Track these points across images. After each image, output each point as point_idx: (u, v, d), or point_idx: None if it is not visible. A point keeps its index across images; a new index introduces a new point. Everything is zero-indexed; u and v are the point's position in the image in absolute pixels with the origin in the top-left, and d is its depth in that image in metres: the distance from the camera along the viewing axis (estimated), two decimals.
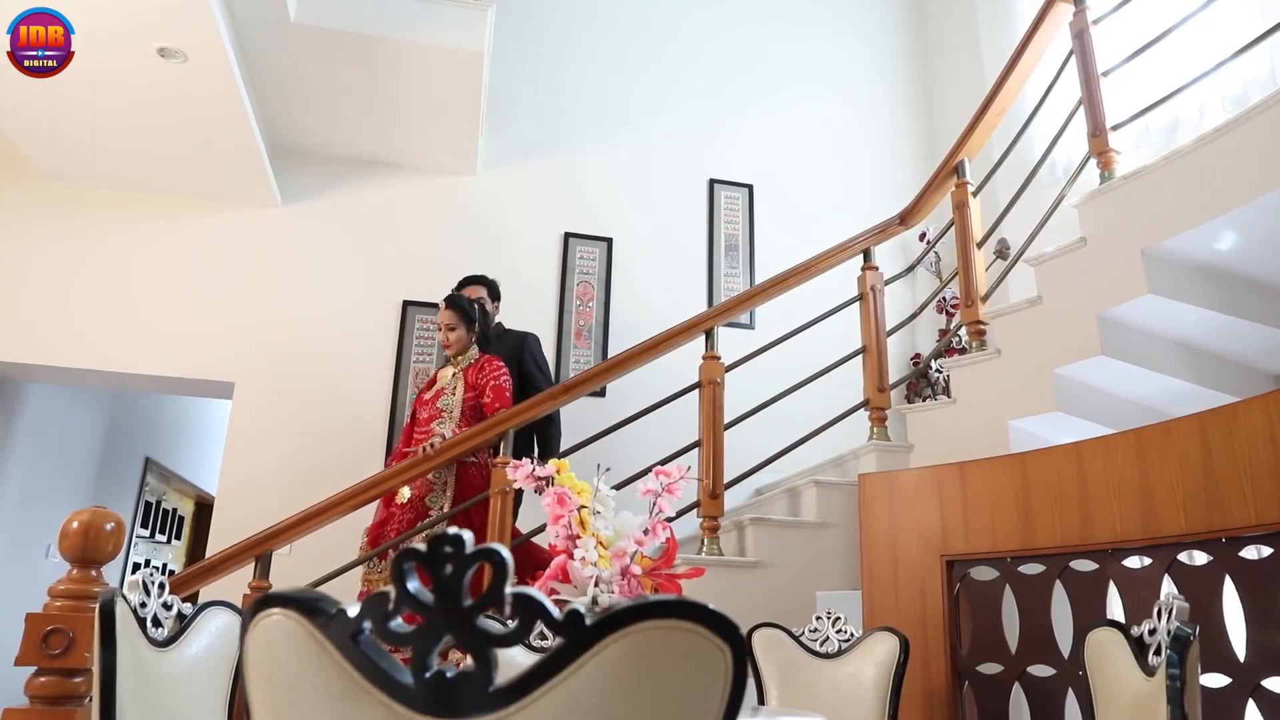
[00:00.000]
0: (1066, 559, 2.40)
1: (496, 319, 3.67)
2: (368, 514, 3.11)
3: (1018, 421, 2.87)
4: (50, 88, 3.22)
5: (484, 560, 0.69)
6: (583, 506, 1.52)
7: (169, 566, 6.46)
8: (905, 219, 3.42)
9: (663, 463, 2.97)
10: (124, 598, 1.48)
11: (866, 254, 3.35)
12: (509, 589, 0.68)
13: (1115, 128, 2.78)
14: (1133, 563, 2.28)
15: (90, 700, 2.69)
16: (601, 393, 3.93)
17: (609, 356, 4.20)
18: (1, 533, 4.09)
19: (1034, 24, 3.08)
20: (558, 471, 1.56)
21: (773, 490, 3.49)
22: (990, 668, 2.47)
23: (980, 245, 3.15)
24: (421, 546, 0.70)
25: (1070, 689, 2.30)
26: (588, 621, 0.68)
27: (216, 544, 3.66)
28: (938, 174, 3.32)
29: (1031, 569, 2.46)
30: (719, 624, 0.71)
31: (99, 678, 1.35)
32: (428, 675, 0.69)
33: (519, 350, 3.54)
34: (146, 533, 5.90)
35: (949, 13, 5.21)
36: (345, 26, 3.33)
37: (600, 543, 1.48)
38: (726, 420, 3.00)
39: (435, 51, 3.45)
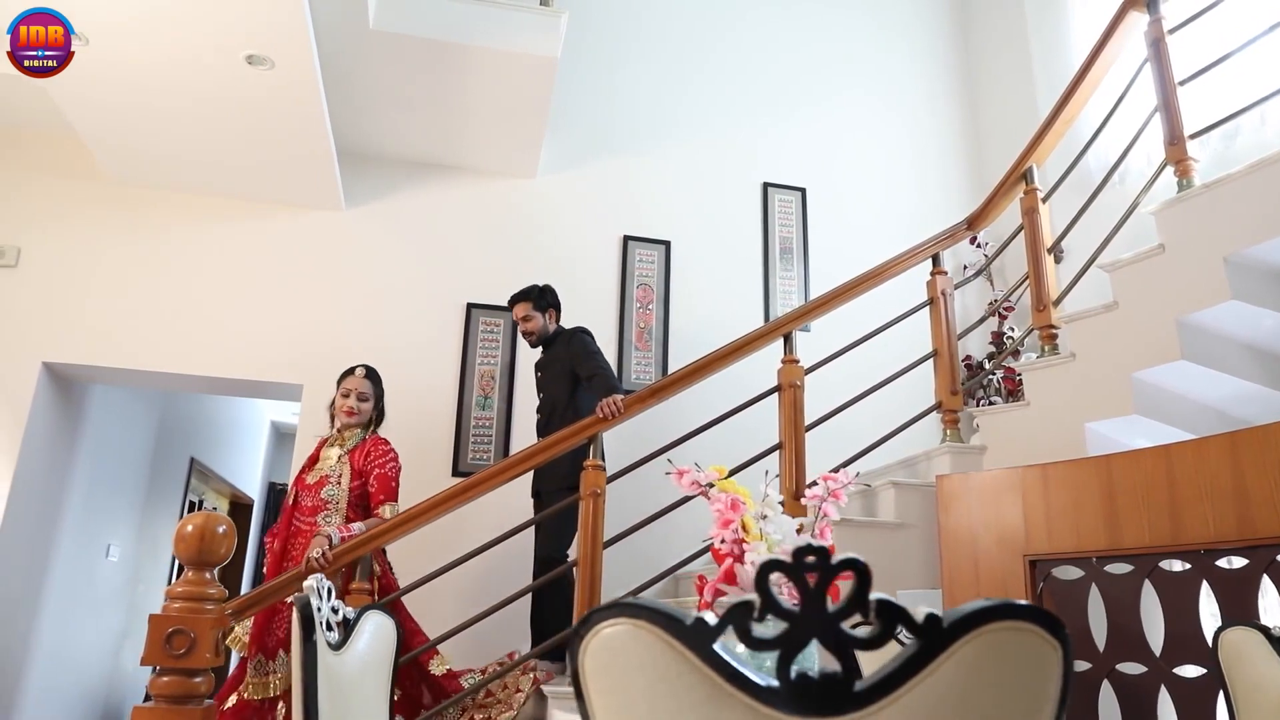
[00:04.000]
0: (1155, 559, 2.44)
1: (555, 328, 3.62)
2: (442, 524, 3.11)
3: (1094, 424, 2.92)
4: (133, 94, 3.26)
5: (848, 570, 0.74)
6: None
7: None
8: (973, 224, 3.47)
9: (744, 466, 3.05)
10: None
11: (935, 259, 3.40)
12: (872, 596, 0.73)
13: (1194, 136, 2.83)
14: (1227, 563, 2.33)
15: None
16: None
17: (669, 359, 4.25)
18: (68, 532, 4.14)
19: (1106, 32, 3.13)
20: (720, 476, 1.61)
21: None
22: (1077, 665, 2.52)
23: (1051, 251, 3.20)
24: (785, 558, 0.74)
25: (1163, 686, 2.36)
26: (944, 624, 0.73)
27: None
28: (1006, 180, 3.36)
29: (1118, 569, 2.51)
30: (1052, 624, 0.76)
31: (301, 678, 1.39)
32: (793, 677, 0.74)
33: (567, 353, 3.47)
34: None
35: (995, 21, 5.27)
36: (422, 33, 3.37)
37: (769, 547, 1.53)
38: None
39: (508, 57, 3.49)
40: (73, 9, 2.83)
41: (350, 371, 3.14)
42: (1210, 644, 2.24)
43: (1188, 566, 2.37)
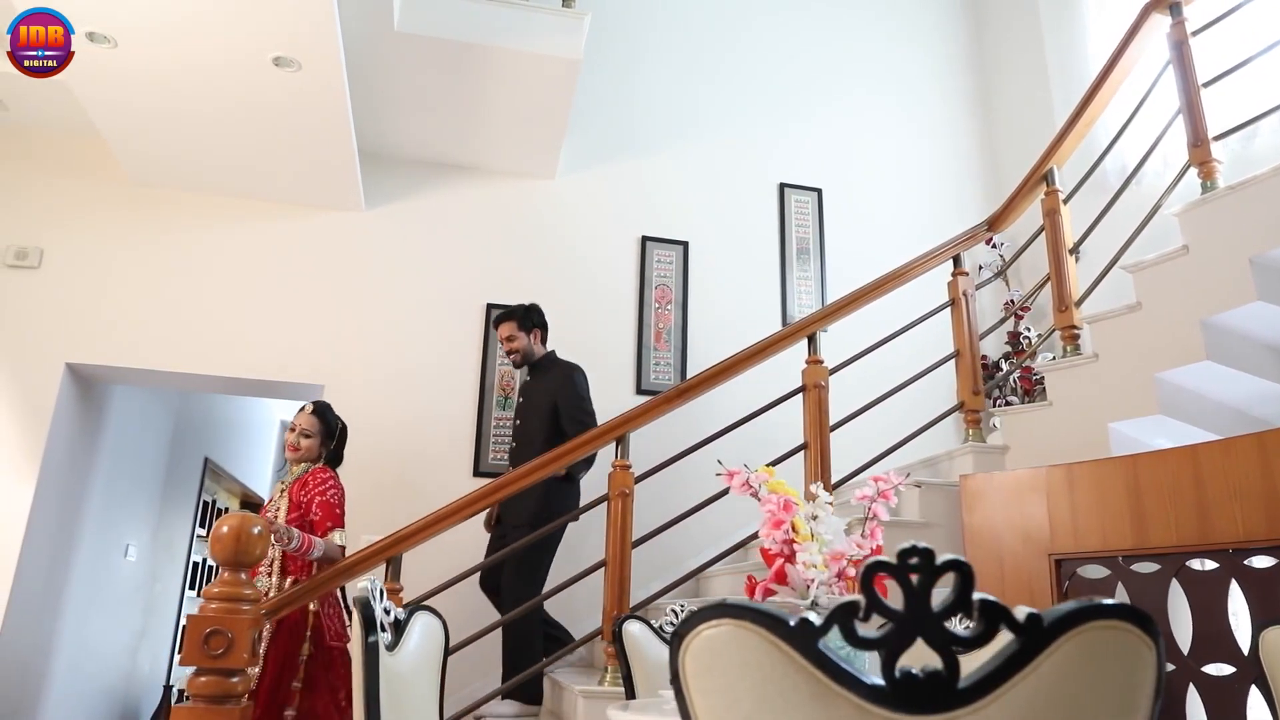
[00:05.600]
0: (1183, 558, 2.46)
1: (542, 350, 3.56)
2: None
3: (1117, 424, 2.94)
4: (160, 97, 3.28)
5: (951, 570, 0.76)
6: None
7: None
8: (993, 225, 3.49)
9: (772, 465, 3.07)
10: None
11: (956, 260, 3.42)
12: (976, 596, 0.75)
13: (1218, 138, 2.85)
14: (1257, 562, 2.35)
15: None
16: None
17: (688, 359, 4.27)
18: (89, 532, 4.15)
19: (1127, 34, 3.14)
20: (770, 476, 1.63)
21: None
22: None
23: (1072, 252, 3.21)
24: (890, 559, 0.76)
25: (1192, 684, 2.37)
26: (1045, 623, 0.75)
27: None
28: (1027, 181, 3.38)
29: (1145, 568, 2.53)
30: (1146, 623, 0.79)
31: (362, 678, 1.41)
32: (898, 675, 0.75)
33: (557, 385, 3.40)
34: (204, 532, 5.96)
35: (1010, 22, 5.29)
36: (446, 35, 3.38)
37: (821, 547, 1.55)
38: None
39: (531, 59, 3.50)
40: (103, 14, 2.84)
41: (301, 408, 3.07)
42: (1239, 642, 2.28)
43: (1216, 566, 2.38)
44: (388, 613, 1.65)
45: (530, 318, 3.53)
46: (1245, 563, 2.33)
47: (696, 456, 3.11)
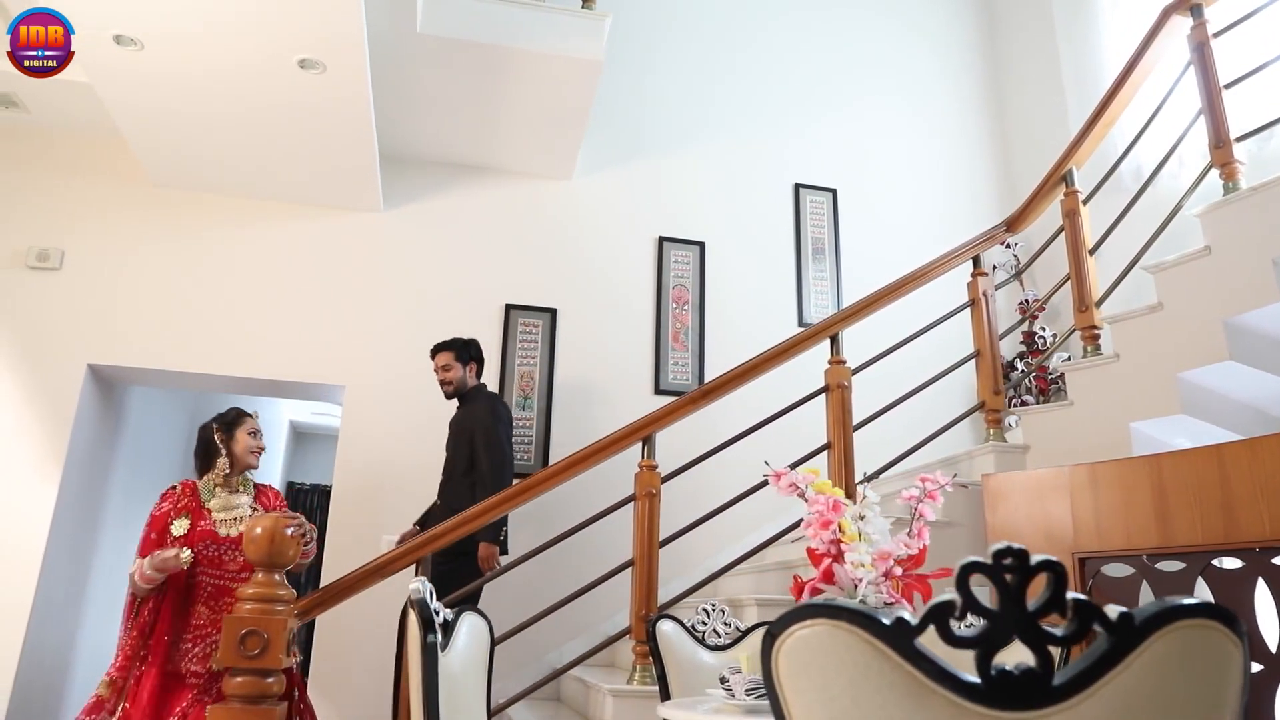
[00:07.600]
0: (1208, 557, 2.48)
1: (474, 383, 3.56)
2: None
3: (1139, 424, 2.96)
4: (185, 100, 3.29)
5: (1044, 571, 0.78)
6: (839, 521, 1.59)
7: None
8: (1012, 225, 3.51)
9: (793, 466, 3.08)
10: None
11: (976, 260, 3.44)
12: (1069, 595, 0.77)
13: (1240, 139, 2.87)
14: None
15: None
16: None
17: (706, 359, 4.29)
18: (109, 533, 4.16)
19: (1147, 36, 3.16)
20: (815, 477, 1.64)
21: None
22: None
23: (1092, 252, 3.23)
24: (985, 559, 0.78)
25: None
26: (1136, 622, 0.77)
27: (335, 540, 3.74)
28: (1045, 182, 3.40)
29: (1170, 566, 2.54)
30: (1234, 623, 0.80)
31: (422, 679, 1.42)
32: (993, 673, 0.77)
33: (476, 416, 3.38)
34: None
35: (1023, 24, 5.31)
36: (468, 36, 3.40)
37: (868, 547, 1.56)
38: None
39: (552, 60, 3.52)
40: (130, 16, 2.86)
41: (249, 414, 2.96)
42: (1266, 640, 2.29)
43: (1241, 564, 2.40)
44: (436, 614, 1.67)
45: (468, 350, 3.56)
46: (1273, 561, 2.35)
47: (715, 460, 3.12)
